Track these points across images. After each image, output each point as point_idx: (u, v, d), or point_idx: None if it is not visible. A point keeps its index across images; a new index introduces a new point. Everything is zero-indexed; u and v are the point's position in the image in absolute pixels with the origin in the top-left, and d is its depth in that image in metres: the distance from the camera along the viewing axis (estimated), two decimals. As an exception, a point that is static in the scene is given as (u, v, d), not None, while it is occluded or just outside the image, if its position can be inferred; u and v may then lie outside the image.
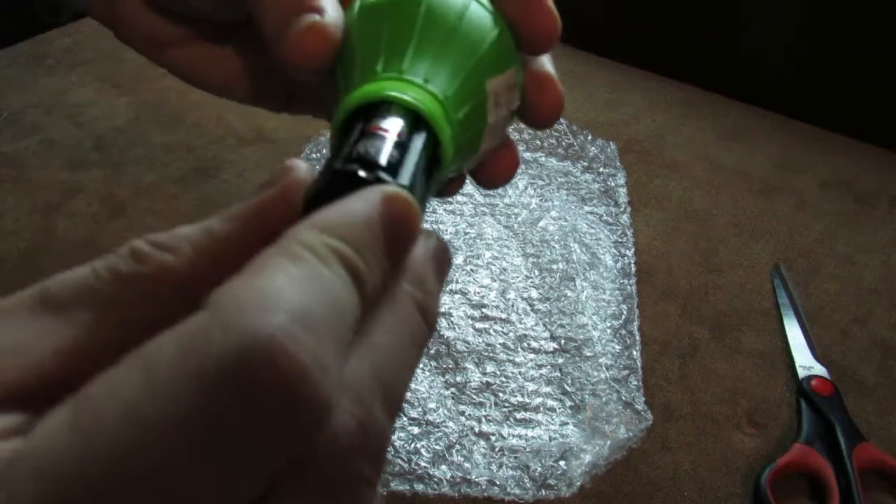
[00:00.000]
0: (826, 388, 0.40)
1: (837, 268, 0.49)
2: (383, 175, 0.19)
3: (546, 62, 0.26)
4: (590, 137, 0.57)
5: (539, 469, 0.36)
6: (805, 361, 0.42)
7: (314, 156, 0.53)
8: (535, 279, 0.46)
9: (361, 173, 0.18)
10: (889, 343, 0.44)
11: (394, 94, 0.21)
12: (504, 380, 0.40)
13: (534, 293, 0.45)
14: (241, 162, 0.54)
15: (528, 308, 0.44)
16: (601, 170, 0.55)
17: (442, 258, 0.21)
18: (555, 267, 0.47)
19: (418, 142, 0.20)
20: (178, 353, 0.13)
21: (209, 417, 0.12)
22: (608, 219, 0.51)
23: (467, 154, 0.24)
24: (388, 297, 0.18)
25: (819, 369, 0.41)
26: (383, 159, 0.19)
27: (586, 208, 0.51)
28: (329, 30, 0.23)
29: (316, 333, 0.13)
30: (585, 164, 0.55)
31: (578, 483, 0.35)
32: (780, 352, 0.43)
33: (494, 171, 0.27)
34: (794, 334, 0.44)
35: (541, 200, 0.52)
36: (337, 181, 0.18)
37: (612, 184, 0.54)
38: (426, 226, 0.19)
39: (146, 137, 0.56)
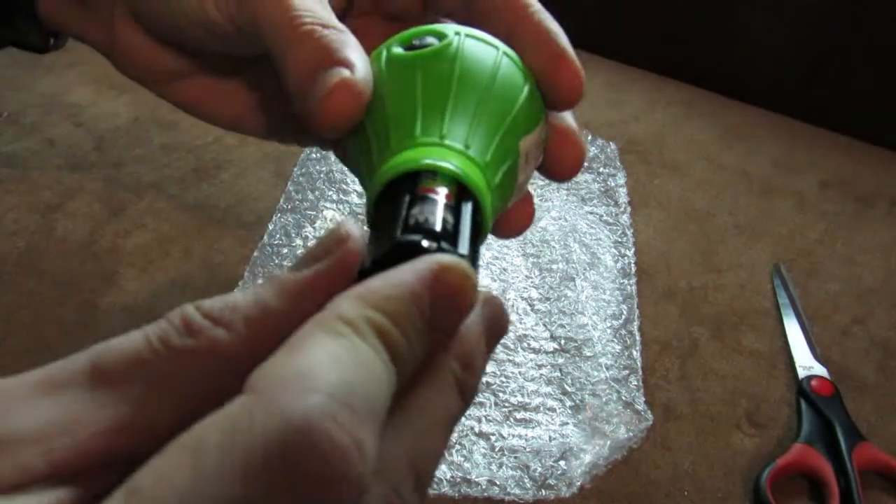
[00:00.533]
0: (826, 388, 0.40)
1: (837, 268, 0.49)
2: (445, 245, 0.18)
3: (568, 116, 0.26)
4: (590, 137, 0.57)
5: (539, 469, 0.36)
6: (805, 361, 0.42)
7: (314, 155, 0.53)
8: (535, 279, 0.46)
9: (425, 243, 0.18)
10: (889, 343, 0.44)
11: (442, 164, 0.20)
12: (504, 380, 0.40)
13: (534, 293, 0.45)
14: (240, 162, 0.54)
15: (528, 308, 0.44)
16: (601, 170, 0.55)
17: (496, 327, 0.20)
18: (555, 267, 0.47)
19: (468, 210, 0.20)
20: (224, 439, 0.13)
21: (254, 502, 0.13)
22: (608, 219, 0.51)
23: (499, 213, 0.24)
24: (430, 373, 0.18)
25: (819, 369, 0.41)
26: (440, 226, 0.19)
27: (586, 208, 0.51)
28: (359, 87, 0.22)
29: (354, 412, 0.13)
30: (585, 163, 0.55)
31: (578, 483, 0.35)
32: (780, 352, 0.43)
33: (513, 224, 0.28)
34: (794, 334, 0.44)
35: (541, 200, 0.52)
36: (399, 251, 0.18)
37: (612, 184, 0.54)
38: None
39: (146, 137, 0.56)
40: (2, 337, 0.41)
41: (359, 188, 0.51)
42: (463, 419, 0.38)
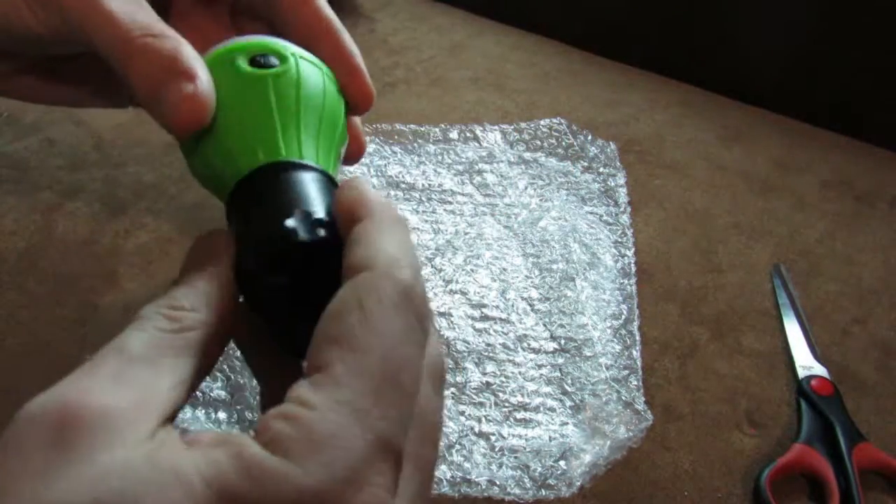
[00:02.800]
0: (826, 388, 0.40)
1: (837, 268, 0.49)
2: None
3: (357, 120, 0.32)
4: (590, 137, 0.57)
5: (539, 469, 0.36)
6: (805, 361, 0.42)
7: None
8: (535, 279, 0.46)
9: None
10: (889, 343, 0.44)
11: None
12: (504, 380, 0.40)
13: (534, 293, 0.45)
14: (241, 162, 0.54)
15: (528, 308, 0.44)
16: (601, 170, 0.55)
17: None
18: (555, 267, 0.47)
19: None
20: (370, 300, 0.20)
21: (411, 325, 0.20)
22: (608, 219, 0.51)
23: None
24: None
25: (819, 369, 0.41)
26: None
27: (586, 208, 0.51)
28: (205, 99, 0.24)
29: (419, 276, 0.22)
30: (585, 164, 0.55)
31: (578, 483, 0.35)
32: (780, 352, 0.43)
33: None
34: (794, 334, 0.44)
35: (541, 200, 0.52)
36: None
37: (612, 184, 0.54)
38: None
39: (146, 137, 0.56)
40: (2, 337, 0.41)
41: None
42: (463, 419, 0.38)
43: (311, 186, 0.24)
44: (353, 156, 0.32)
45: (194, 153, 0.26)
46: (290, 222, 0.22)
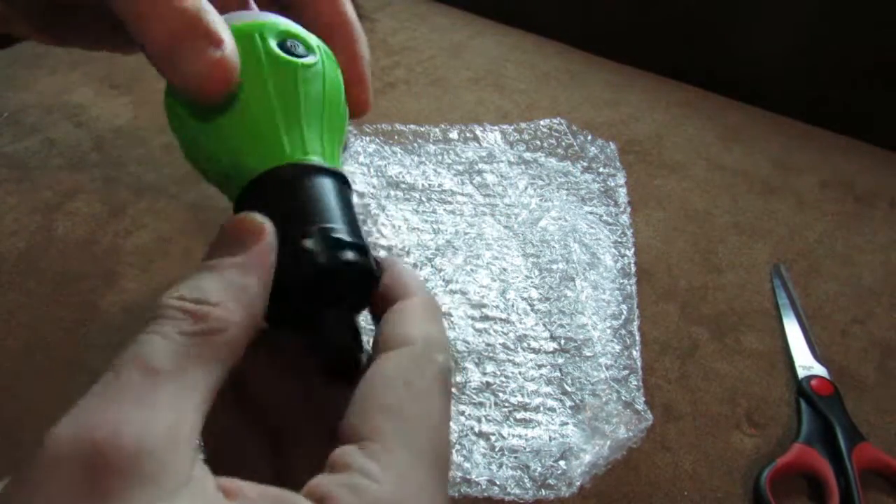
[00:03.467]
0: (826, 388, 0.40)
1: (837, 268, 0.49)
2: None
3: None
4: (590, 137, 0.57)
5: (539, 469, 0.36)
6: (805, 361, 0.42)
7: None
8: (535, 279, 0.46)
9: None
10: (889, 343, 0.44)
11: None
12: (504, 380, 0.40)
13: (534, 293, 0.45)
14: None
15: (528, 308, 0.44)
16: (601, 170, 0.55)
17: None
18: (555, 267, 0.47)
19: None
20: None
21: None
22: (608, 219, 0.51)
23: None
24: None
25: (819, 369, 0.41)
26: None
27: (586, 208, 0.51)
28: (231, 70, 0.23)
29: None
30: (585, 164, 0.55)
31: (578, 483, 0.35)
32: (780, 352, 0.43)
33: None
34: (794, 334, 0.44)
35: (541, 200, 0.52)
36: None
37: (612, 184, 0.54)
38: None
39: (146, 137, 0.56)
40: (2, 337, 0.41)
41: (359, 188, 0.51)
42: (463, 419, 0.38)
43: (338, 198, 0.23)
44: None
45: (199, 125, 0.24)
46: (342, 236, 0.22)
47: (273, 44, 0.25)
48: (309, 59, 0.25)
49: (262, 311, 0.20)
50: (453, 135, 0.57)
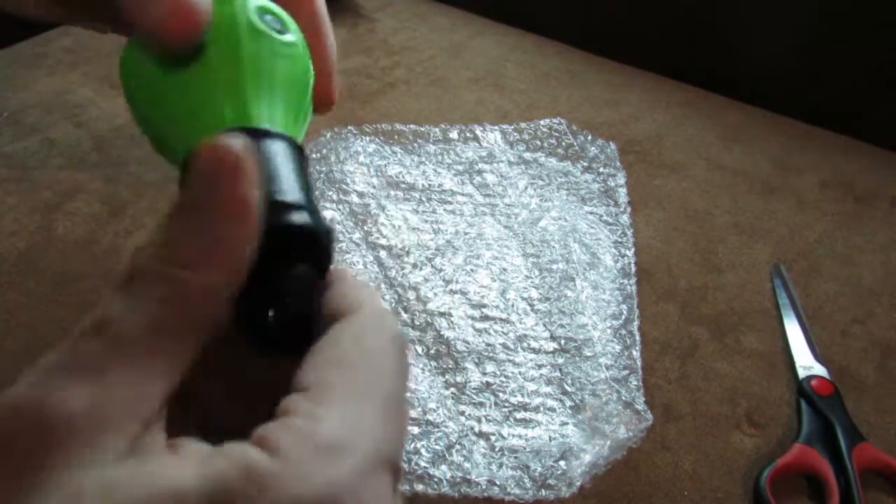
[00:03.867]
0: (826, 388, 0.40)
1: (837, 268, 0.49)
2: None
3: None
4: (590, 137, 0.57)
5: (539, 469, 0.36)
6: (805, 361, 0.42)
7: (315, 156, 0.53)
8: (535, 279, 0.46)
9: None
10: (889, 343, 0.44)
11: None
12: (504, 380, 0.40)
13: (534, 293, 0.45)
14: (241, 162, 0.54)
15: (528, 308, 0.44)
16: (601, 170, 0.55)
17: None
18: (555, 267, 0.47)
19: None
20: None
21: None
22: (608, 219, 0.51)
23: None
24: None
25: (819, 369, 0.41)
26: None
27: (586, 208, 0.51)
28: (201, 15, 0.22)
29: None
30: (585, 164, 0.55)
31: (578, 483, 0.35)
32: (780, 352, 0.43)
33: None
34: (794, 334, 0.44)
35: (541, 200, 0.52)
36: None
37: (612, 184, 0.54)
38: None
39: (146, 137, 0.56)
40: (2, 337, 0.41)
41: (359, 188, 0.51)
42: (463, 419, 0.38)
43: (296, 165, 0.23)
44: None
45: (163, 85, 0.24)
46: (284, 199, 0.21)
47: (253, 13, 0.25)
48: (287, 38, 0.26)
49: (246, 272, 0.18)
50: (453, 135, 0.57)
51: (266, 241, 0.19)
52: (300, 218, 0.21)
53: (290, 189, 0.21)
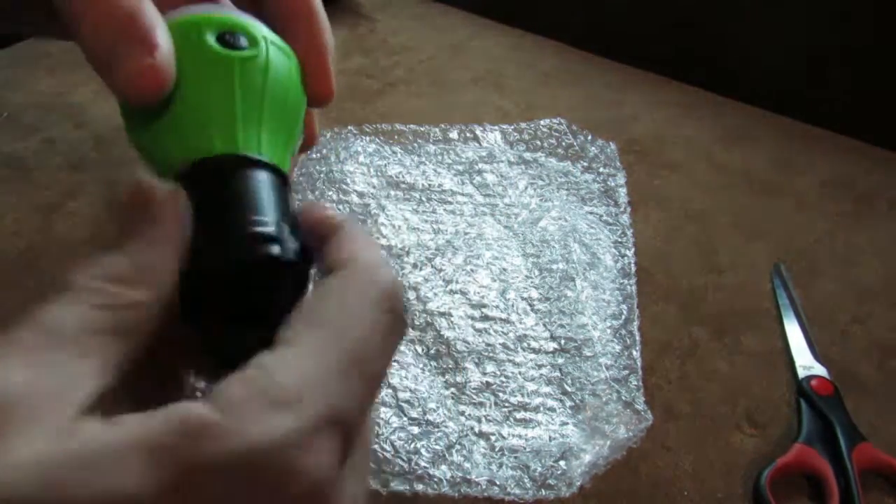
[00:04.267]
0: (826, 388, 0.40)
1: (837, 268, 0.49)
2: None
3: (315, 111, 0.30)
4: (590, 137, 0.57)
5: (539, 469, 0.36)
6: (805, 361, 0.42)
7: (315, 156, 0.54)
8: (535, 279, 0.46)
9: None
10: (889, 343, 0.44)
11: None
12: (504, 380, 0.40)
13: (534, 293, 0.45)
14: (241, 162, 0.54)
15: (528, 308, 0.44)
16: (601, 170, 0.55)
17: None
18: (555, 267, 0.47)
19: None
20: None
21: None
22: (608, 219, 0.51)
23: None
24: None
25: (819, 369, 0.41)
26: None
27: (586, 208, 0.51)
28: (164, 73, 0.22)
29: None
30: (585, 164, 0.55)
31: (578, 483, 0.35)
32: (780, 352, 0.43)
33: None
34: (794, 334, 0.44)
35: (541, 200, 0.52)
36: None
37: (612, 184, 0.54)
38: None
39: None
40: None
41: (359, 188, 0.51)
42: (463, 419, 0.38)
43: (272, 191, 0.22)
44: (304, 145, 0.30)
45: (141, 123, 0.24)
46: (265, 229, 0.21)
47: (210, 38, 0.24)
48: (249, 52, 0.24)
49: (172, 291, 0.20)
50: (453, 135, 0.57)
51: (228, 271, 0.20)
52: (264, 250, 0.21)
53: (258, 220, 0.21)
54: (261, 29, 0.26)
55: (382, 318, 0.20)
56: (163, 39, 0.22)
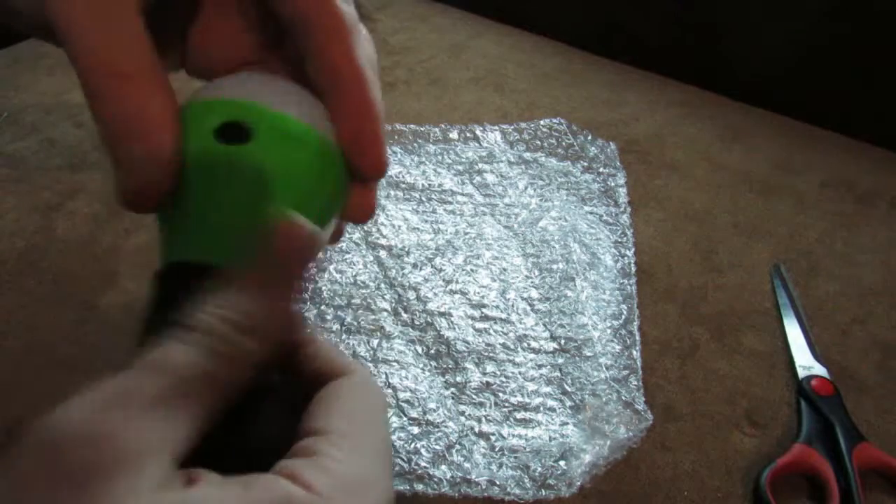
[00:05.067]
0: (826, 388, 0.40)
1: (837, 268, 0.49)
2: None
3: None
4: (590, 137, 0.57)
5: (539, 469, 0.36)
6: (805, 361, 0.42)
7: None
8: (535, 279, 0.46)
9: None
10: (889, 343, 0.44)
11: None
12: (504, 380, 0.40)
13: (534, 293, 0.45)
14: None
15: (528, 308, 0.44)
16: (601, 170, 0.55)
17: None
18: (555, 267, 0.47)
19: None
20: None
21: None
22: (608, 219, 0.51)
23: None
24: None
25: (819, 369, 0.41)
26: None
27: (586, 208, 0.51)
28: (156, 183, 0.21)
29: None
30: (585, 164, 0.55)
31: (578, 483, 0.35)
32: (780, 352, 0.43)
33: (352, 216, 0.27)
34: (794, 334, 0.44)
35: (541, 200, 0.52)
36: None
37: (612, 184, 0.54)
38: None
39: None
40: (2, 337, 0.41)
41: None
42: (463, 419, 0.38)
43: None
44: (357, 220, 0.27)
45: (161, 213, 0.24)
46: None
47: (209, 130, 0.22)
48: (248, 146, 0.22)
49: (274, 349, 0.21)
50: (453, 135, 0.57)
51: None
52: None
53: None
54: (267, 114, 0.23)
55: (385, 416, 0.23)
56: (166, 136, 0.21)
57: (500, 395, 0.39)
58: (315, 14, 0.24)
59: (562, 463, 0.36)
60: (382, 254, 0.47)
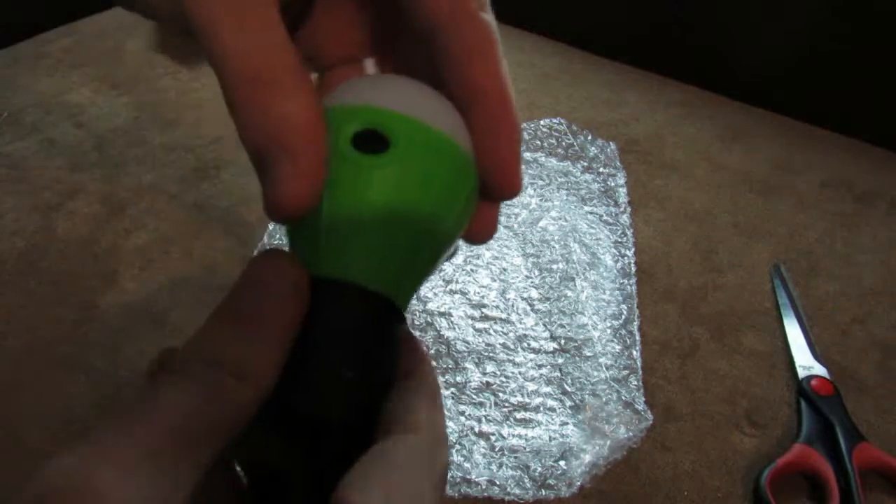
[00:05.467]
0: (826, 388, 0.40)
1: (837, 268, 0.49)
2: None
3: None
4: (590, 137, 0.57)
5: (539, 469, 0.36)
6: (805, 361, 0.42)
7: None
8: (535, 279, 0.46)
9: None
10: (889, 343, 0.44)
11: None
12: (504, 380, 0.40)
13: (534, 293, 0.45)
14: (240, 162, 0.54)
15: (528, 308, 0.44)
16: (601, 170, 0.55)
17: None
18: (555, 267, 0.47)
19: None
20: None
21: None
22: (608, 219, 0.51)
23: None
24: None
25: (819, 369, 0.41)
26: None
27: (586, 208, 0.51)
28: (305, 194, 0.20)
29: None
30: (585, 164, 0.55)
31: (578, 483, 0.35)
32: (780, 352, 0.43)
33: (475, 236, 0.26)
34: (794, 334, 0.44)
35: (541, 200, 0.52)
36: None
37: (612, 184, 0.54)
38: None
39: (146, 137, 0.56)
40: (2, 337, 0.41)
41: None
42: (463, 419, 0.38)
43: (357, 332, 0.20)
44: (478, 239, 0.25)
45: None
46: (315, 390, 0.19)
47: (345, 138, 0.21)
48: (386, 157, 0.21)
49: (268, 392, 0.19)
50: (453, 135, 0.57)
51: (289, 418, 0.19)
52: (304, 410, 0.19)
53: (313, 365, 0.20)
54: (406, 121, 0.22)
55: (436, 494, 0.20)
56: (311, 148, 0.20)
57: (500, 395, 0.39)
58: (455, 24, 0.22)
59: (562, 463, 0.36)
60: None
